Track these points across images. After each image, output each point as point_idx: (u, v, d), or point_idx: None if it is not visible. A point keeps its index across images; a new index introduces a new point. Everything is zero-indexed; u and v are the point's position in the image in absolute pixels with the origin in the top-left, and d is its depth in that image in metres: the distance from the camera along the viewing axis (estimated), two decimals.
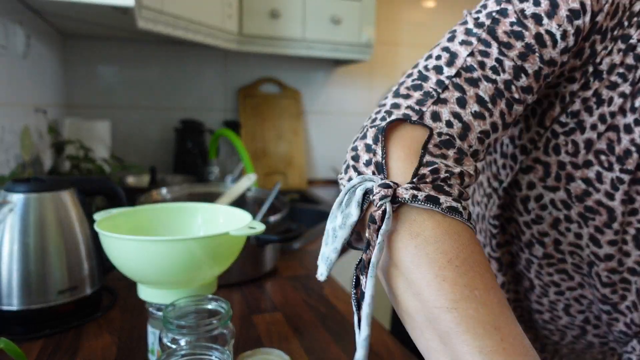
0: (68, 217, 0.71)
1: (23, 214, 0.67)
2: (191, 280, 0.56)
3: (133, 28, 1.26)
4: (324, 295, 0.87)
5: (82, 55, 1.73)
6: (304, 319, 0.77)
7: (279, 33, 1.69)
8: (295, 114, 2.04)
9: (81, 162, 1.28)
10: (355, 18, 1.79)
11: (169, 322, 0.51)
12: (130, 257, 0.54)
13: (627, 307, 0.54)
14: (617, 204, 0.48)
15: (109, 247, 0.55)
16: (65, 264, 0.69)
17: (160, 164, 1.84)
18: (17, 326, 0.67)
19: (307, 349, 0.67)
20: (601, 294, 0.54)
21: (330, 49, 1.78)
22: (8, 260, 0.66)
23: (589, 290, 0.57)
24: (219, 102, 1.96)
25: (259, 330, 0.72)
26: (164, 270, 0.53)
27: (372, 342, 0.71)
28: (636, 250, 0.50)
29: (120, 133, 1.79)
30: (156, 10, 1.23)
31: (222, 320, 0.53)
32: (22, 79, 1.17)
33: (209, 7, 1.47)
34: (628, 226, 0.50)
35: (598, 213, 0.49)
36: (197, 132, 1.78)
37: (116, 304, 0.80)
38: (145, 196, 1.00)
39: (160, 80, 1.85)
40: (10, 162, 1.05)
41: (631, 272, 0.52)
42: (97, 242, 0.76)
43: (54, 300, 0.68)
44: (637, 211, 0.49)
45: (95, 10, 1.12)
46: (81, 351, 0.64)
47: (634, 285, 0.52)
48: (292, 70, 2.06)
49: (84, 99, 1.75)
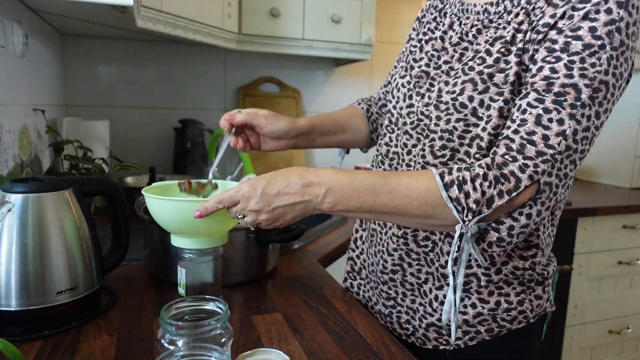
0: (67, 218, 0.70)
1: (22, 214, 0.66)
2: (208, 231, 0.72)
3: (132, 27, 1.26)
4: (324, 295, 0.87)
5: (81, 55, 1.72)
6: (304, 319, 0.77)
7: (279, 32, 1.69)
8: (295, 113, 2.04)
9: (80, 162, 1.27)
10: (355, 17, 1.79)
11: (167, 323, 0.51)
12: (164, 214, 0.71)
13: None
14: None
15: (151, 208, 0.72)
16: (64, 264, 0.69)
17: (160, 163, 1.84)
18: (15, 327, 0.67)
19: (307, 349, 0.67)
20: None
21: (330, 49, 1.78)
22: (6, 261, 0.65)
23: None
24: (218, 102, 1.95)
25: (258, 330, 0.72)
26: (187, 224, 0.70)
27: (372, 342, 0.70)
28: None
29: (119, 133, 1.78)
30: (155, 9, 1.23)
31: (221, 320, 0.52)
32: (21, 79, 1.16)
33: (209, 6, 1.46)
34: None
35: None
36: (196, 131, 1.78)
37: (115, 304, 0.79)
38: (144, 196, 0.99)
39: (160, 79, 1.85)
40: (9, 162, 1.05)
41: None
42: (96, 242, 0.76)
43: (53, 300, 0.68)
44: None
45: (94, 9, 1.12)
46: (80, 352, 0.64)
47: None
48: (292, 69, 2.05)
49: (82, 98, 1.75)
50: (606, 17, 0.60)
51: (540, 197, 0.63)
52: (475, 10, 0.74)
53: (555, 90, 0.61)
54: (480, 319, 0.75)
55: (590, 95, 0.60)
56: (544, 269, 0.77)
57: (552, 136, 0.61)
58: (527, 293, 0.76)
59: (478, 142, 0.69)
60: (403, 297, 0.81)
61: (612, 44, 0.60)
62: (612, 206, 1.86)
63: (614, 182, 2.35)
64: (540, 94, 0.62)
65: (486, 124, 0.68)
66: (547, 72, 0.62)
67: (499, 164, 0.63)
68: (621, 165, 2.30)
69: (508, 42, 0.67)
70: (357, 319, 0.78)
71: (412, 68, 0.80)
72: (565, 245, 1.84)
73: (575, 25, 0.61)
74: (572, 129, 0.61)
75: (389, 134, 0.84)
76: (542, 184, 0.62)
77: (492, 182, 0.62)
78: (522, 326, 0.76)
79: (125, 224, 0.83)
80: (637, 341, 2.11)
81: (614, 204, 1.89)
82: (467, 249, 0.65)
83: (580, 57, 0.60)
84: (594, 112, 0.61)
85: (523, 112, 0.63)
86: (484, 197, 0.62)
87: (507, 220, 0.64)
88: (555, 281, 1.74)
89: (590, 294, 1.95)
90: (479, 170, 0.63)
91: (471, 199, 0.62)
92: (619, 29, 0.60)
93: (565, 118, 0.61)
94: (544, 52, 0.63)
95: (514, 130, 0.63)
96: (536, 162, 0.61)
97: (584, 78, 0.60)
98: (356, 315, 0.79)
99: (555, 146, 0.61)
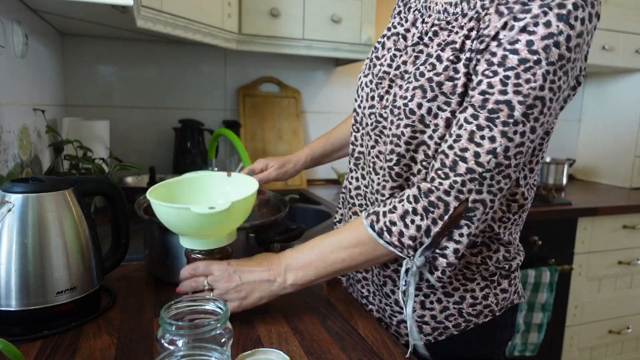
0: (67, 218, 0.70)
1: (21, 214, 0.66)
2: (215, 234, 0.74)
3: (132, 27, 1.26)
4: (324, 296, 0.87)
5: (81, 55, 1.72)
6: (304, 319, 0.77)
7: (279, 32, 1.69)
8: (295, 113, 2.04)
9: (80, 162, 1.27)
10: (355, 17, 1.79)
11: (167, 323, 0.51)
12: (171, 219, 0.72)
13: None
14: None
15: (157, 212, 0.72)
16: (64, 265, 0.69)
17: (160, 163, 1.84)
18: (15, 327, 0.67)
19: (307, 349, 0.67)
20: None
21: (330, 49, 1.78)
22: (6, 261, 0.65)
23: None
24: (218, 102, 1.95)
25: (258, 330, 0.72)
26: (190, 227, 0.71)
27: (372, 342, 0.70)
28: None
29: (119, 133, 1.78)
30: (155, 9, 1.22)
31: (221, 320, 0.52)
32: (21, 79, 1.16)
33: (209, 6, 1.46)
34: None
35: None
36: (196, 131, 1.78)
37: (115, 304, 0.79)
38: (145, 196, 0.99)
39: (160, 79, 1.85)
40: (9, 162, 1.05)
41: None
42: (96, 242, 0.76)
43: (53, 300, 0.68)
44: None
45: (94, 9, 1.12)
46: (80, 352, 0.64)
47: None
48: (292, 69, 2.05)
49: (82, 98, 1.75)
50: (544, 30, 0.58)
51: (474, 215, 0.65)
52: (437, 9, 0.72)
53: (489, 107, 0.61)
54: (447, 314, 0.76)
55: (524, 112, 0.60)
56: (507, 263, 0.77)
57: (483, 154, 0.61)
58: (491, 287, 0.77)
59: (424, 149, 0.69)
60: (373, 296, 0.84)
61: (549, 58, 0.59)
62: (612, 206, 1.86)
63: (614, 182, 2.35)
64: (476, 109, 0.62)
65: (433, 132, 0.68)
66: (484, 87, 0.61)
67: (425, 192, 0.65)
68: (621, 165, 2.30)
69: (457, 50, 0.65)
70: (357, 319, 0.78)
71: (375, 66, 0.79)
72: (565, 245, 1.84)
73: (514, 38, 0.60)
74: (504, 146, 0.61)
75: (354, 133, 0.84)
76: (470, 202, 0.64)
77: (423, 214, 0.65)
78: (489, 319, 0.77)
79: (125, 224, 0.83)
80: (637, 341, 2.11)
81: (614, 204, 1.89)
82: (414, 281, 0.68)
83: (515, 73, 0.59)
84: (528, 127, 0.61)
85: (459, 127, 0.63)
86: (420, 230, 0.65)
87: (450, 244, 0.66)
88: (555, 281, 1.74)
89: (590, 294, 1.95)
90: (407, 206, 0.66)
91: (406, 237, 0.66)
92: (557, 43, 0.58)
93: (497, 136, 0.61)
94: (484, 65, 0.62)
95: (449, 146, 0.64)
96: (464, 179, 0.62)
97: (518, 95, 0.59)
98: (356, 315, 0.79)
99: (485, 164, 0.62)
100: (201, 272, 0.73)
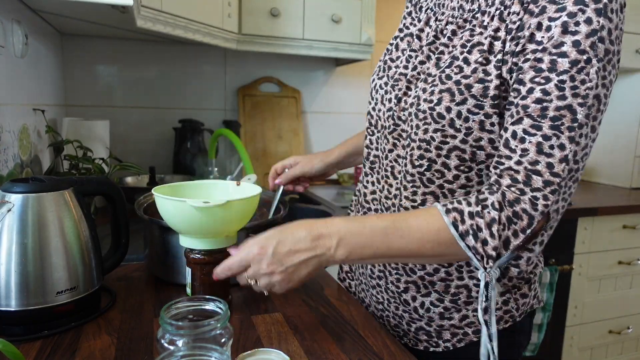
0: (67, 218, 0.70)
1: (21, 214, 0.66)
2: (214, 234, 0.73)
3: (132, 27, 1.26)
4: (324, 296, 0.87)
5: (81, 55, 1.72)
6: (304, 319, 0.77)
7: (279, 32, 1.69)
8: (295, 113, 2.04)
9: (80, 162, 1.27)
10: (355, 17, 1.79)
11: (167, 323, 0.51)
12: (169, 212, 0.72)
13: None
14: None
15: (161, 208, 0.72)
16: (63, 265, 0.69)
17: (160, 163, 1.84)
18: (15, 327, 0.67)
19: (307, 349, 0.67)
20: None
21: (330, 48, 1.78)
22: (6, 261, 0.65)
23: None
24: (218, 102, 1.95)
25: (258, 330, 0.72)
26: (192, 224, 0.71)
27: (372, 343, 0.70)
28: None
29: (119, 133, 1.78)
30: (155, 9, 1.22)
31: (221, 320, 0.52)
32: (21, 79, 1.16)
33: (209, 6, 1.46)
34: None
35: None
36: (196, 131, 1.78)
37: (115, 304, 0.79)
38: (145, 196, 0.99)
39: (160, 79, 1.85)
40: (9, 162, 1.05)
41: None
42: (96, 242, 0.76)
43: (53, 300, 0.68)
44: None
45: (94, 8, 1.12)
46: (80, 352, 0.64)
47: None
48: (292, 69, 2.05)
49: (82, 98, 1.75)
50: (587, 28, 0.57)
51: (551, 225, 0.64)
52: (451, 5, 0.70)
53: (550, 114, 0.59)
54: (467, 322, 0.75)
55: (586, 113, 0.59)
56: (532, 270, 0.77)
57: (556, 163, 0.59)
58: (512, 292, 0.75)
59: (459, 153, 0.68)
60: (389, 303, 0.81)
61: (598, 55, 0.58)
62: (612, 206, 1.86)
63: (614, 182, 2.35)
64: (535, 119, 0.60)
65: (466, 135, 0.66)
66: (539, 95, 0.60)
67: (510, 201, 0.61)
68: (621, 165, 2.30)
69: (486, 51, 0.64)
70: (357, 319, 0.78)
71: (390, 68, 0.78)
72: (565, 245, 1.84)
73: (558, 40, 0.58)
74: (573, 151, 0.60)
75: (369, 136, 0.83)
76: (551, 212, 0.62)
77: (506, 223, 0.61)
78: (509, 325, 0.76)
79: (125, 224, 0.83)
80: (637, 341, 2.11)
81: (614, 204, 1.88)
82: (494, 296, 0.63)
83: (569, 76, 0.58)
84: (590, 127, 0.60)
85: (521, 140, 0.61)
86: (501, 240, 0.61)
87: (524, 254, 0.66)
88: (555, 281, 1.74)
89: (590, 294, 1.95)
90: (493, 214, 0.61)
91: (489, 246, 0.62)
92: (601, 38, 0.58)
93: (566, 142, 0.59)
94: (531, 73, 0.60)
95: (516, 161, 0.61)
96: (545, 193, 0.60)
97: (577, 97, 0.58)
98: (356, 315, 0.79)
99: (561, 173, 0.60)
100: (237, 269, 0.68)
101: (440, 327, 0.76)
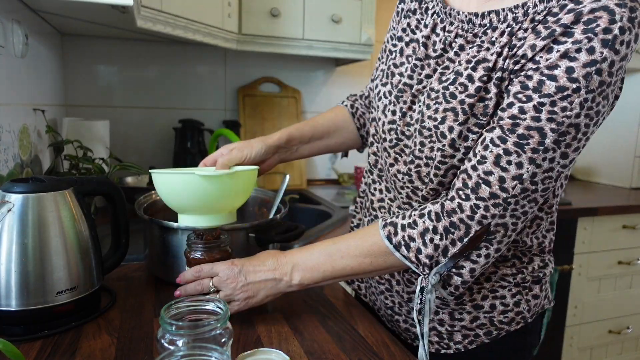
0: (67, 218, 0.70)
1: (21, 214, 0.66)
2: (217, 208, 0.74)
3: (132, 27, 1.26)
4: (324, 295, 0.87)
5: (81, 55, 1.72)
6: (304, 319, 0.77)
7: (279, 32, 1.69)
8: (295, 113, 2.04)
9: (80, 162, 1.27)
10: (355, 17, 1.79)
11: (167, 323, 0.51)
12: (174, 189, 0.73)
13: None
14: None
15: (159, 184, 0.74)
16: (64, 264, 0.69)
17: (160, 163, 1.84)
18: (15, 327, 0.67)
19: (307, 349, 0.67)
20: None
21: (330, 49, 1.78)
22: (6, 261, 0.65)
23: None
24: (218, 102, 1.95)
25: (258, 330, 0.72)
26: (195, 199, 0.72)
27: (372, 343, 0.70)
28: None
29: (119, 133, 1.78)
30: (155, 9, 1.22)
31: (221, 320, 0.52)
32: (21, 79, 1.16)
33: (209, 6, 1.46)
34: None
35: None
36: (196, 131, 1.78)
37: (115, 304, 0.79)
38: (145, 196, 0.99)
39: (160, 79, 1.85)
40: (9, 162, 1.05)
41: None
42: (96, 242, 0.76)
43: (53, 300, 0.68)
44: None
45: (94, 8, 1.12)
46: (80, 352, 0.64)
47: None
48: (292, 69, 2.05)
49: (82, 98, 1.75)
50: (587, 57, 0.55)
51: (494, 238, 0.63)
52: (459, 18, 0.68)
53: (519, 132, 0.58)
54: (478, 323, 0.75)
55: (556, 139, 0.57)
56: (540, 271, 0.76)
57: (509, 179, 0.59)
58: (523, 293, 0.75)
59: (454, 172, 0.67)
60: (399, 307, 0.82)
61: (589, 87, 0.55)
62: (612, 206, 1.86)
63: (614, 182, 2.35)
64: (504, 132, 0.59)
65: (464, 155, 0.65)
66: (515, 111, 0.59)
67: (448, 212, 0.63)
68: (621, 165, 2.30)
69: (490, 69, 0.62)
70: (357, 319, 0.78)
71: (393, 75, 0.75)
72: (565, 245, 1.84)
73: (553, 63, 0.56)
74: (531, 172, 0.59)
75: (376, 143, 0.82)
76: (492, 225, 0.62)
77: (443, 233, 0.64)
78: (521, 326, 0.76)
79: (125, 224, 0.83)
80: (637, 341, 2.11)
81: (614, 204, 1.88)
82: (430, 299, 0.67)
83: (551, 100, 0.56)
84: (559, 154, 0.59)
85: (485, 148, 0.61)
86: (438, 249, 0.64)
87: (466, 264, 0.65)
88: (555, 281, 1.74)
89: (590, 294, 1.95)
90: (428, 223, 0.64)
91: (423, 255, 0.65)
92: (599, 70, 0.55)
93: (525, 162, 0.59)
94: (517, 87, 0.59)
95: (472, 166, 0.62)
96: (487, 204, 0.61)
97: (551, 122, 0.57)
98: (356, 315, 0.79)
99: (510, 190, 0.60)
100: (206, 274, 0.72)
101: (451, 327, 0.76)
